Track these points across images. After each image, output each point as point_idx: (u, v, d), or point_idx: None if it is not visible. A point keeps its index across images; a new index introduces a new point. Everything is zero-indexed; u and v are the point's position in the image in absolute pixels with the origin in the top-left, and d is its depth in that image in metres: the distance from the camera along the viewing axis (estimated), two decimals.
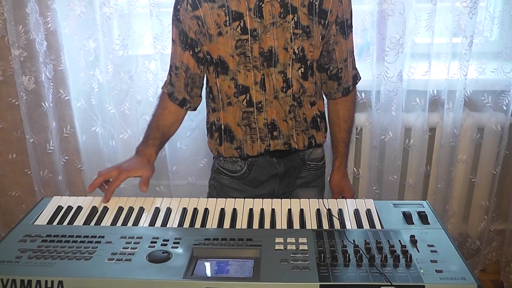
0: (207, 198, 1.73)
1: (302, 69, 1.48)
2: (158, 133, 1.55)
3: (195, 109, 1.61)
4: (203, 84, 1.57)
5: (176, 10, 1.47)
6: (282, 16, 1.41)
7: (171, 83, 1.55)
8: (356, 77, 1.63)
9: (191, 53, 1.49)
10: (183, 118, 1.61)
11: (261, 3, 1.39)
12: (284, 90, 1.48)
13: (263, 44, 1.42)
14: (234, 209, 1.28)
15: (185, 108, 1.58)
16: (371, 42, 1.97)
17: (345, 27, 1.51)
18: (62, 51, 1.98)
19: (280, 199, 1.32)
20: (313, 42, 1.45)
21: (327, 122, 1.66)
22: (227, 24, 1.41)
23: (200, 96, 1.59)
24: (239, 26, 1.41)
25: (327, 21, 1.46)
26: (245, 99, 1.48)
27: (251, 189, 1.60)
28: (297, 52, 1.45)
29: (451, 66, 1.98)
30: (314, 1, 1.42)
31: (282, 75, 1.47)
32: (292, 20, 1.42)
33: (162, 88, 1.59)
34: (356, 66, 1.63)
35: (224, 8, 1.40)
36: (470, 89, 2.03)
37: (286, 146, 1.54)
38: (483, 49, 2.00)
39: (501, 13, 1.96)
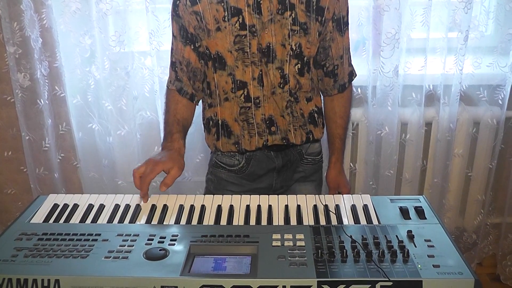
0: (204, 192, 1.72)
1: (299, 65, 1.48)
2: (179, 126, 1.51)
3: (198, 103, 1.59)
4: (204, 78, 1.56)
5: (175, 6, 1.46)
6: (280, 12, 1.41)
7: (178, 79, 1.53)
8: (352, 74, 1.63)
9: (192, 47, 1.49)
10: (194, 111, 1.59)
11: None
12: (281, 86, 1.48)
13: (261, 40, 1.43)
14: (231, 206, 1.28)
15: (194, 102, 1.56)
16: (367, 38, 1.97)
17: (342, 24, 1.52)
18: (57, 47, 1.97)
19: (277, 195, 1.32)
20: (310, 39, 1.46)
21: (324, 118, 1.66)
22: (226, 19, 1.41)
23: (203, 90, 1.58)
24: (238, 22, 1.41)
25: (324, 18, 1.46)
26: (243, 95, 1.48)
27: (249, 183, 1.60)
28: (294, 49, 1.45)
29: (447, 61, 1.99)
30: None
31: (280, 71, 1.47)
32: (289, 16, 1.42)
33: (168, 86, 1.56)
34: (352, 63, 1.63)
35: (223, 4, 1.40)
36: (465, 83, 2.04)
37: (284, 140, 1.55)
38: (479, 44, 2.00)
39: (496, 7, 1.97)
